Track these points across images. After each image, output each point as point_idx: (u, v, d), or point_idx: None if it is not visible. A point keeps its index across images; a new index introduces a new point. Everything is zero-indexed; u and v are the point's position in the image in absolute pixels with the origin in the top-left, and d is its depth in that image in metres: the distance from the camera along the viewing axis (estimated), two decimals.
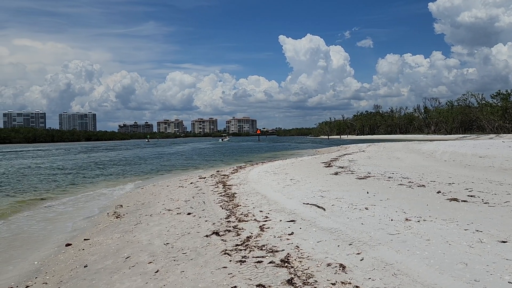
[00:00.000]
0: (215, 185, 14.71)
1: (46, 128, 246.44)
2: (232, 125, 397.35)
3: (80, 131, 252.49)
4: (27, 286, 6.16)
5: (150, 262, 6.16)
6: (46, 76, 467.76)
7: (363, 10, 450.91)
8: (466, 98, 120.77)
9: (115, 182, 22.01)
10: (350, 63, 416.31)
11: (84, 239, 8.57)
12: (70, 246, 8.23)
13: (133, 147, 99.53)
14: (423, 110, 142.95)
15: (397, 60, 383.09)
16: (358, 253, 5.56)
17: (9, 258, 8.10)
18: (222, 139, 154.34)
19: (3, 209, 13.56)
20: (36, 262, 7.50)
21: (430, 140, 51.42)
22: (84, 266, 6.54)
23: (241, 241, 6.64)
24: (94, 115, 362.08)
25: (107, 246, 7.68)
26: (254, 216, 8.56)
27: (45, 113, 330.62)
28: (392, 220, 7.35)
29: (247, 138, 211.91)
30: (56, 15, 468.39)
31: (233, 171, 20.32)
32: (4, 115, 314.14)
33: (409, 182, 12.38)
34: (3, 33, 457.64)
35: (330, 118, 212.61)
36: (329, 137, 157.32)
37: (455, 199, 9.17)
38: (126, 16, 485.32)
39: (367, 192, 10.54)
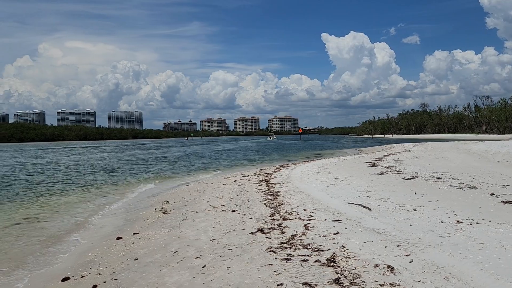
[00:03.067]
0: (259, 183, 14.80)
1: (96, 126, 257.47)
2: (274, 124, 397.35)
3: (127, 129, 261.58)
4: (82, 276, 6.49)
5: (197, 257, 6.31)
6: (96, 76, 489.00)
7: (409, 6, 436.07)
8: None
9: (161, 178, 22.66)
10: (395, 60, 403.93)
11: (134, 233, 8.90)
12: (121, 240, 8.57)
13: (177, 145, 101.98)
14: (473, 109, 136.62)
15: (446, 57, 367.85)
16: (407, 255, 5.43)
17: (65, 248, 8.60)
18: (270, 137, 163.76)
19: (70, 201, 14.79)
20: (90, 254, 7.88)
21: (481, 140, 49.03)
22: (135, 259, 6.80)
23: (286, 239, 6.66)
24: (141, 113, 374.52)
25: (155, 240, 7.94)
26: (298, 214, 8.55)
27: (95, 112, 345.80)
28: (442, 222, 7.11)
29: (289, 137, 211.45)
30: (106, 17, 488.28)
31: (275, 170, 20.35)
32: (58, 113, 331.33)
33: (460, 183, 11.90)
34: (56, 35, 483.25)
35: (374, 117, 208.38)
36: (373, 136, 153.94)
37: (511, 202, 8.72)
38: (172, 17, 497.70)
39: (415, 193, 10.24)
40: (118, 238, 8.73)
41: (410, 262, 5.17)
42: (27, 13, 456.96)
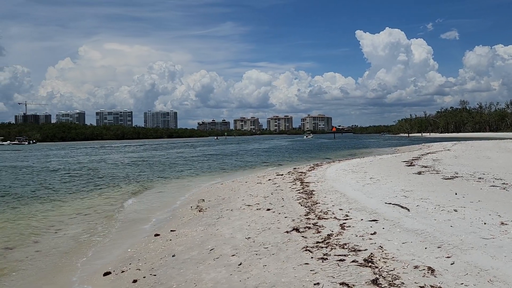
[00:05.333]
0: (293, 182, 14.76)
1: (133, 125, 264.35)
2: (307, 122, 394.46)
3: (163, 128, 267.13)
4: (123, 271, 6.70)
5: (233, 255, 6.37)
6: (133, 77, 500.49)
7: (447, 1, 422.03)
8: None
9: (198, 177, 23.02)
10: (433, 57, 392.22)
11: (171, 230, 9.09)
12: (158, 236, 8.78)
13: (214, 143, 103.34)
14: None
15: (487, 52, 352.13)
16: (448, 257, 5.27)
17: (110, 245, 8.92)
18: (306, 136, 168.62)
19: (115, 197, 15.61)
20: (129, 250, 8.11)
21: None
22: (172, 256, 6.95)
23: (321, 239, 6.61)
24: (176, 113, 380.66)
25: (192, 238, 8.07)
26: (333, 214, 8.47)
27: (132, 112, 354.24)
28: (485, 223, 6.85)
29: (323, 136, 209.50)
30: (141, 20, 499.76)
31: (310, 169, 20.22)
32: (97, 113, 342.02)
33: (503, 183, 11.41)
34: (95, 38, 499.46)
35: (411, 115, 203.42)
36: (409, 135, 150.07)
37: None
38: (205, 17, 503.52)
39: (455, 193, 9.91)
40: (156, 235, 8.95)
41: (452, 264, 5.02)
42: (67, 17, 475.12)
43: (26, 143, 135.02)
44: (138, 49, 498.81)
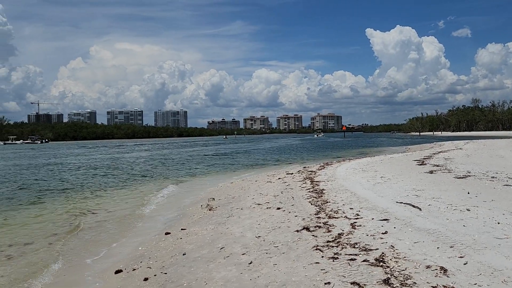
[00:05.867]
0: (303, 181, 14.72)
1: (143, 124, 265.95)
2: (317, 121, 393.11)
3: (173, 127, 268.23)
4: (134, 269, 6.74)
5: (244, 254, 6.37)
6: (143, 76, 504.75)
7: None
8: None
9: (208, 175, 23.09)
10: (445, 55, 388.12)
11: (181, 229, 9.12)
12: (169, 235, 8.82)
13: (224, 142, 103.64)
14: None
15: (500, 50, 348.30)
16: (461, 257, 5.20)
17: (119, 242, 8.99)
18: (317, 135, 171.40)
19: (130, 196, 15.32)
20: (140, 248, 8.16)
21: None
22: (183, 254, 6.97)
23: (332, 238, 6.58)
24: (186, 112, 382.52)
25: (202, 236, 8.09)
26: (344, 213, 8.42)
27: (142, 111, 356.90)
28: (499, 223, 6.75)
29: (333, 135, 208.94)
30: (152, 19, 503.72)
31: (319, 168, 20.15)
32: (108, 113, 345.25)
33: None
34: (107, 38, 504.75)
35: (422, 114, 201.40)
36: (421, 133, 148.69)
37: None
38: (215, 17, 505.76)
39: (468, 193, 9.79)
40: (167, 233, 8.99)
41: (465, 264, 4.96)
42: (79, 18, 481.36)
43: (39, 142, 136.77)
44: (149, 48, 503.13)
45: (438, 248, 5.63)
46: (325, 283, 4.73)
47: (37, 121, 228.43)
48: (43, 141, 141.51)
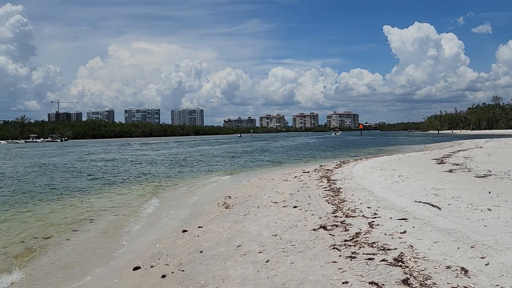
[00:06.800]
0: (319, 179, 14.64)
1: (160, 123, 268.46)
2: (333, 120, 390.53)
3: (189, 126, 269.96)
4: (152, 266, 6.81)
5: (260, 252, 6.37)
6: (160, 75, 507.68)
7: None
8: None
9: (222, 173, 23.16)
10: (464, 52, 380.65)
11: (198, 227, 9.17)
12: (186, 232, 8.87)
13: (239, 140, 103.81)
14: None
15: None
16: (482, 257, 5.10)
17: (140, 238, 9.10)
18: (335, 133, 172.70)
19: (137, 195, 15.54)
20: (158, 245, 8.23)
21: None
22: (200, 252, 7.01)
23: (349, 237, 6.53)
24: (202, 110, 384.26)
25: (219, 234, 8.12)
26: (361, 212, 8.35)
27: (159, 110, 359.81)
28: None
29: (349, 133, 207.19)
30: (169, 18, 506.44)
31: (336, 166, 20.02)
32: (125, 111, 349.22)
33: None
34: (124, 37, 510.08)
35: (441, 112, 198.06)
36: (439, 132, 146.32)
37: None
38: (231, 15, 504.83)
39: (489, 192, 9.59)
40: (184, 231, 9.05)
41: (486, 264, 4.86)
42: (97, 17, 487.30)
43: (59, 140, 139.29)
44: (166, 47, 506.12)
45: (458, 248, 5.53)
46: (343, 283, 4.70)
47: (57, 119, 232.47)
48: (63, 139, 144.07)
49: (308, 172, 18.03)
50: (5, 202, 14.35)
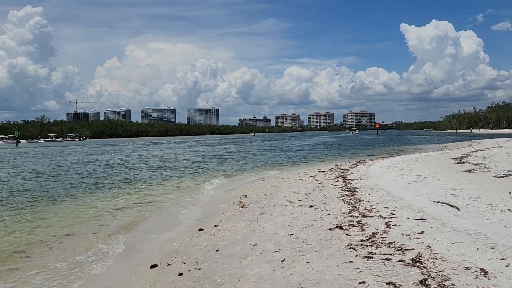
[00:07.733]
0: (335, 179, 14.57)
1: (176, 122, 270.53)
2: (349, 119, 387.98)
3: (205, 125, 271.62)
4: (169, 264, 6.88)
5: (276, 251, 6.38)
6: (176, 75, 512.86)
7: None
8: None
9: (239, 172, 23.24)
10: (484, 49, 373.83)
11: (214, 225, 9.23)
12: (202, 231, 8.94)
13: (253, 139, 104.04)
14: None
15: None
16: (503, 259, 5.01)
17: (156, 236, 9.22)
18: (352, 132, 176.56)
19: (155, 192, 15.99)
20: (174, 244, 8.31)
21: None
22: (216, 250, 7.05)
23: (366, 237, 6.48)
24: (217, 110, 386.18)
25: (235, 233, 8.15)
26: (378, 212, 8.28)
27: (175, 109, 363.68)
28: None
29: (366, 132, 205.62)
30: (185, 19, 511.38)
31: (352, 166, 19.88)
32: (142, 111, 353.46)
33: None
34: (141, 38, 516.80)
35: (459, 111, 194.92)
36: (458, 131, 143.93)
37: None
38: (246, 15, 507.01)
39: (510, 192, 9.40)
40: (200, 229, 9.11)
41: (507, 266, 4.77)
42: (114, 18, 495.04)
43: (77, 139, 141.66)
44: (182, 47, 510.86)
45: (477, 249, 5.45)
46: (360, 283, 4.68)
47: (75, 119, 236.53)
48: (81, 138, 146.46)
49: (324, 171, 17.95)
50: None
